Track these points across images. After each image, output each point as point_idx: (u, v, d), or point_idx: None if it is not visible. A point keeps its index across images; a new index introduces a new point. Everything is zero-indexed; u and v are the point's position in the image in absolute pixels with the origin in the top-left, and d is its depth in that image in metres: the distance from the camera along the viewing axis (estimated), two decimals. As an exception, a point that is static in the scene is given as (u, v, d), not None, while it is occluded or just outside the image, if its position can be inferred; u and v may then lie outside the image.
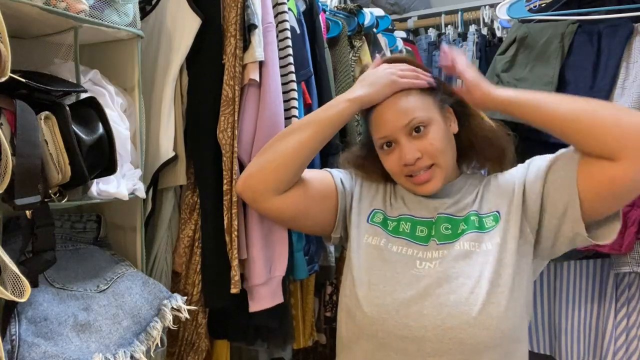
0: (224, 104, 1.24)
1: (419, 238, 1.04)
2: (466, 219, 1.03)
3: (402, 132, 1.04)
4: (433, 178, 1.04)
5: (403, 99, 1.06)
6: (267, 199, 1.10)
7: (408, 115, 1.04)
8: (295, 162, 1.09)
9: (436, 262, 0.99)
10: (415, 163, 1.03)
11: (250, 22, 1.22)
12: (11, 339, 0.87)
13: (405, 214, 1.09)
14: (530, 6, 1.66)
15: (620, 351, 1.58)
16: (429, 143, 1.03)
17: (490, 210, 1.03)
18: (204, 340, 1.30)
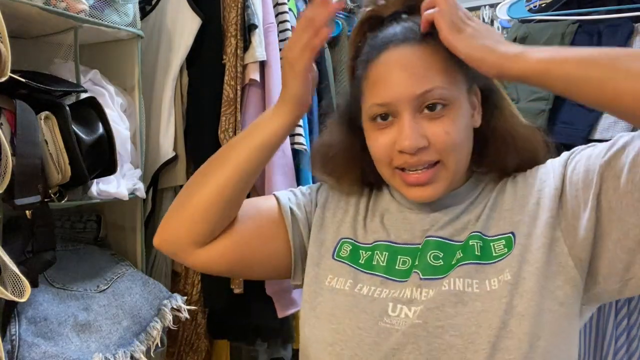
0: (225, 104, 1.24)
1: (398, 273, 0.73)
2: (465, 245, 0.71)
3: (410, 105, 0.69)
4: (434, 182, 0.71)
5: (422, 51, 0.70)
6: (188, 253, 0.81)
7: (426, 81, 0.69)
8: (216, 207, 0.78)
9: (417, 308, 0.67)
10: (416, 153, 0.69)
11: (251, 22, 1.22)
12: (11, 339, 0.87)
13: (382, 240, 0.77)
14: (530, 6, 1.66)
15: (620, 351, 1.58)
16: (444, 131, 0.69)
17: (502, 232, 0.70)
18: (204, 340, 1.30)
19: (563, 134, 1.47)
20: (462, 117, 0.71)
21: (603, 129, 1.42)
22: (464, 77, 0.72)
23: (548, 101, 1.48)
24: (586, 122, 1.45)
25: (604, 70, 0.59)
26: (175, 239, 0.82)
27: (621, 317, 1.59)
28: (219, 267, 0.83)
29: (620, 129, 1.40)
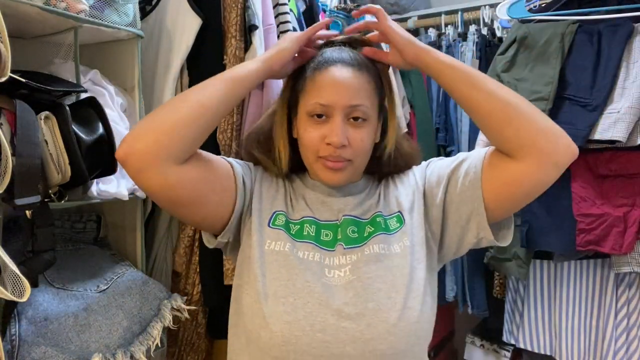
0: (224, 105, 1.24)
1: (325, 243, 0.94)
2: (372, 221, 0.97)
3: (342, 111, 0.92)
4: (344, 170, 0.94)
5: (360, 77, 0.95)
6: (160, 166, 0.83)
7: (358, 98, 0.93)
8: (197, 122, 0.86)
9: (346, 269, 0.90)
10: (339, 148, 0.92)
11: (251, 22, 1.22)
12: (11, 339, 0.87)
13: (308, 215, 0.98)
14: (530, 6, 1.66)
15: (620, 351, 1.58)
16: (360, 139, 0.94)
17: (392, 212, 0.98)
18: (204, 340, 1.30)
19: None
20: (372, 132, 0.97)
21: (603, 129, 1.42)
22: (378, 106, 0.98)
23: (548, 101, 1.48)
24: (586, 123, 1.45)
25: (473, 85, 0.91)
26: (149, 151, 0.83)
27: (621, 318, 1.59)
28: (186, 193, 0.88)
29: (620, 129, 1.40)
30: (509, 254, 1.61)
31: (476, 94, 0.91)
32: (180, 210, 0.92)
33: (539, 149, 0.87)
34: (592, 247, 1.47)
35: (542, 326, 1.73)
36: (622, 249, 1.44)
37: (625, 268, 1.48)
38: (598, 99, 1.46)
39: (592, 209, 1.48)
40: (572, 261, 1.65)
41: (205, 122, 0.88)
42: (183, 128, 0.85)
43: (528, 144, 0.88)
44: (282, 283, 0.88)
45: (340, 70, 0.94)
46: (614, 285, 1.61)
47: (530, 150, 0.88)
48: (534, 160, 0.88)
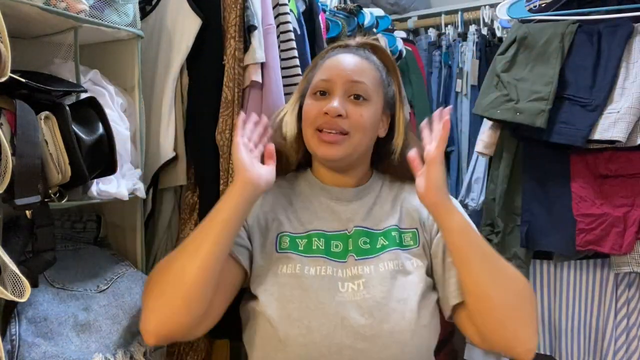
0: (223, 106, 1.24)
1: (335, 254, 0.95)
2: (386, 234, 0.97)
3: (343, 87, 0.96)
4: (340, 144, 0.95)
5: (364, 63, 1.00)
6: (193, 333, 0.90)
7: (360, 76, 0.97)
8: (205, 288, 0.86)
9: (359, 282, 0.92)
10: (335, 118, 0.94)
11: (250, 23, 1.22)
12: (11, 339, 0.87)
13: (315, 229, 0.98)
14: (530, 6, 1.66)
15: (620, 351, 1.58)
16: (359, 113, 0.96)
17: (409, 227, 1.00)
18: (204, 340, 1.30)
19: (563, 134, 1.47)
20: (373, 115, 0.98)
21: (603, 129, 1.42)
22: (382, 96, 1.01)
23: (548, 101, 1.48)
24: (586, 123, 1.45)
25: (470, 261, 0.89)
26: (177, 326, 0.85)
27: (620, 317, 1.59)
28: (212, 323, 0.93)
29: (619, 129, 1.40)
30: (509, 253, 1.62)
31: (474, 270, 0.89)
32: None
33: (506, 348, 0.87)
34: (592, 247, 1.47)
35: (542, 326, 1.73)
36: (621, 249, 1.44)
37: (625, 268, 1.48)
38: (598, 99, 1.46)
39: (591, 209, 1.48)
40: (572, 261, 1.65)
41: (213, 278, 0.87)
42: (195, 301, 0.85)
43: (498, 339, 0.88)
44: (296, 305, 0.89)
45: (345, 55, 1.01)
46: (614, 285, 1.61)
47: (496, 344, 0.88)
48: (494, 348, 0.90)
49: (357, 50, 1.04)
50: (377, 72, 1.01)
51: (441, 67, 2.49)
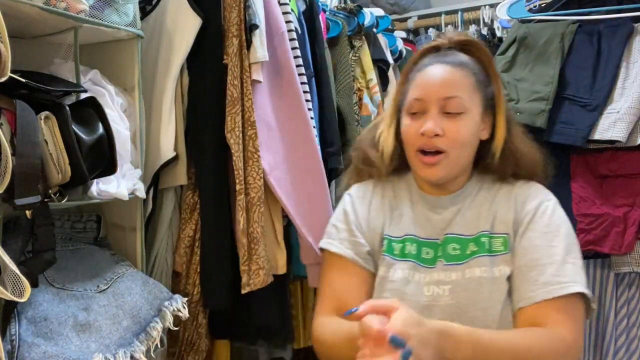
0: (230, 104, 1.23)
1: (425, 260, 1.00)
2: (476, 240, 0.99)
3: (437, 104, 0.96)
4: (439, 165, 0.97)
5: (456, 72, 0.98)
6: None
7: (453, 89, 0.96)
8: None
9: (445, 288, 0.95)
10: (432, 138, 0.95)
11: (252, 22, 1.22)
12: (11, 339, 0.87)
13: (410, 234, 1.03)
14: (530, 6, 1.66)
15: (620, 351, 1.58)
16: (455, 129, 0.95)
17: (500, 232, 0.99)
18: (204, 340, 1.30)
19: (563, 134, 1.47)
20: (471, 126, 0.97)
21: (603, 129, 1.42)
22: (482, 100, 0.99)
23: (548, 101, 1.48)
24: (586, 123, 1.45)
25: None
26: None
27: (621, 317, 1.59)
28: None
29: (619, 129, 1.40)
30: (509, 254, 1.61)
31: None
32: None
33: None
34: (592, 247, 1.47)
35: (542, 326, 1.73)
36: (621, 249, 1.44)
37: (625, 268, 1.48)
38: (598, 99, 1.46)
39: (591, 209, 1.48)
40: (572, 261, 1.65)
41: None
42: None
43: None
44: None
45: (436, 68, 0.99)
46: (614, 285, 1.61)
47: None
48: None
49: (447, 55, 1.01)
50: (471, 77, 0.99)
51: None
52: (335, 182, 1.65)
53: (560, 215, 1.00)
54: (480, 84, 1.00)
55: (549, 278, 0.92)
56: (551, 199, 1.02)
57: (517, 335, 0.91)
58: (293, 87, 1.27)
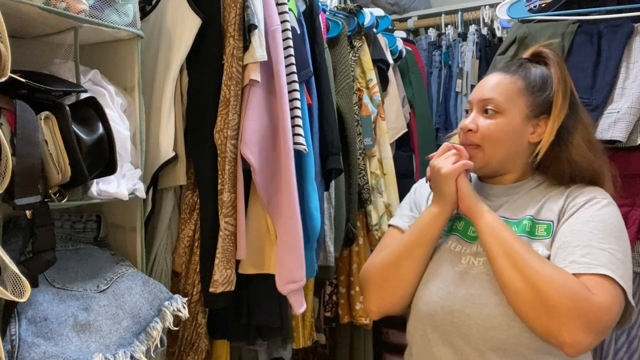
0: (222, 105, 1.24)
1: (469, 237, 1.07)
2: (518, 223, 1.04)
3: (478, 105, 1.08)
4: (474, 157, 1.07)
5: (503, 76, 1.09)
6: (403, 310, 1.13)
7: (491, 92, 1.07)
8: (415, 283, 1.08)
9: (480, 259, 1.02)
10: (466, 133, 1.07)
11: (250, 22, 1.22)
12: (11, 339, 0.87)
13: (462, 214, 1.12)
14: (530, 6, 1.66)
15: (620, 351, 1.58)
16: (486, 126, 1.05)
17: (546, 219, 1.03)
18: (204, 340, 1.30)
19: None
20: (507, 126, 1.05)
21: (603, 129, 1.42)
22: (528, 106, 1.06)
23: (548, 101, 1.48)
24: (586, 122, 1.45)
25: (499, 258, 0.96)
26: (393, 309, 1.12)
27: (621, 317, 1.59)
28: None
29: (619, 129, 1.40)
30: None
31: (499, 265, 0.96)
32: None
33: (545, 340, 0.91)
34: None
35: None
36: (622, 249, 1.44)
37: (625, 268, 1.48)
38: (598, 99, 1.46)
39: (592, 209, 1.48)
40: (572, 261, 1.65)
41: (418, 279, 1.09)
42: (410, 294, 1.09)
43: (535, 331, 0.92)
44: (427, 271, 1.07)
45: (490, 75, 1.13)
46: (614, 285, 1.61)
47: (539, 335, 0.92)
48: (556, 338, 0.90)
49: (509, 66, 1.13)
50: (521, 82, 1.07)
51: (441, 67, 2.49)
52: (334, 183, 1.65)
53: (612, 212, 1.00)
54: (531, 89, 1.06)
55: (578, 258, 0.93)
56: (606, 198, 1.02)
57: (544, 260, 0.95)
58: (279, 86, 1.26)
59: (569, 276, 0.90)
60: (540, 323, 0.90)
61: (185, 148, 1.29)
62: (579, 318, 0.87)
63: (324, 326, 1.85)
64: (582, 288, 0.89)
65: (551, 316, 0.88)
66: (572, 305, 0.87)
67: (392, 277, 1.08)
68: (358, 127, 1.81)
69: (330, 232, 1.64)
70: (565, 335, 0.87)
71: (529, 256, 0.94)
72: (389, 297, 1.10)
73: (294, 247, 1.25)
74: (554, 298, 0.88)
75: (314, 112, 1.48)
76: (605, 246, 0.93)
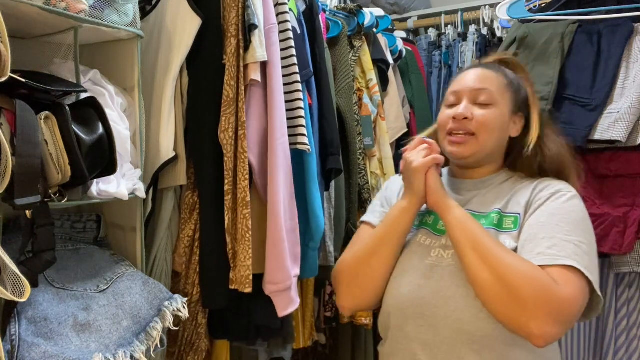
0: (225, 104, 1.24)
1: (439, 230, 1.08)
2: (487, 216, 1.06)
3: (469, 95, 1.08)
4: (466, 144, 1.06)
5: (488, 71, 1.10)
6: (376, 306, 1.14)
7: (483, 83, 1.08)
8: (386, 278, 1.09)
9: (449, 252, 1.03)
10: (461, 121, 1.06)
11: (251, 22, 1.22)
12: (11, 339, 0.87)
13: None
14: (530, 6, 1.66)
15: (620, 351, 1.58)
16: (483, 114, 1.06)
17: (513, 212, 1.05)
18: (204, 340, 1.30)
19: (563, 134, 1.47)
20: (499, 118, 1.07)
21: (603, 129, 1.42)
22: (511, 101, 1.09)
23: (548, 101, 1.48)
24: (586, 123, 1.45)
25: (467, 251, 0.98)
26: (366, 305, 1.16)
27: (621, 317, 1.59)
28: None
29: (619, 129, 1.40)
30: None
31: (466, 258, 0.97)
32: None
33: (514, 331, 0.92)
34: (592, 247, 1.47)
35: (542, 326, 1.73)
36: (621, 249, 1.44)
37: (624, 268, 1.48)
38: (598, 99, 1.46)
39: (592, 209, 1.48)
40: (572, 261, 1.65)
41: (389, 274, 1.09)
42: (381, 290, 1.10)
43: (503, 322, 0.93)
44: (398, 265, 1.08)
45: (472, 69, 1.13)
46: (614, 285, 1.61)
47: (515, 329, 0.92)
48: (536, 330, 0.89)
49: (486, 65, 1.15)
50: (503, 78, 1.10)
51: (441, 67, 2.49)
52: (334, 183, 1.65)
53: (576, 205, 1.02)
54: (512, 86, 1.10)
55: (544, 249, 0.95)
56: (571, 191, 1.04)
57: (511, 253, 0.96)
58: (275, 85, 1.26)
59: (535, 268, 0.92)
60: (509, 315, 0.91)
61: (185, 148, 1.29)
62: (545, 309, 0.88)
63: (324, 326, 1.85)
64: (548, 280, 0.90)
65: (519, 308, 0.89)
66: (539, 296, 0.88)
67: (363, 273, 1.09)
68: (358, 127, 1.81)
69: (330, 232, 1.64)
70: (533, 327, 0.88)
71: (496, 250, 0.95)
72: (361, 293, 1.10)
73: (275, 249, 1.25)
74: (522, 290, 0.89)
75: (314, 112, 1.49)
76: (571, 238, 0.96)
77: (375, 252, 1.08)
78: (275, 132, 1.24)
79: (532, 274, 0.91)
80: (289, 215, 1.27)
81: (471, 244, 0.97)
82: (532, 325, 0.88)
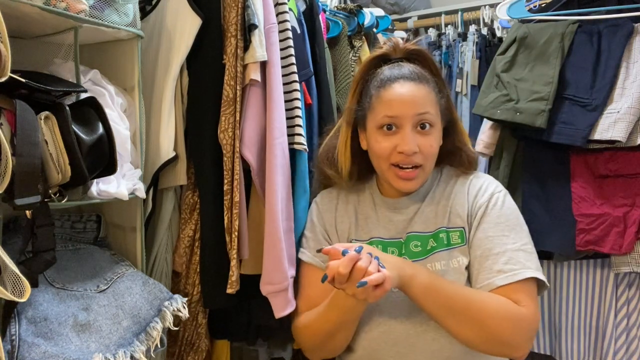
0: (225, 104, 1.24)
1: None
2: (435, 236, 1.08)
3: (410, 121, 1.03)
4: (416, 179, 1.06)
5: (422, 88, 1.05)
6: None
7: (423, 107, 1.04)
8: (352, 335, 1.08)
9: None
10: (410, 155, 1.03)
11: (251, 22, 1.22)
12: (11, 339, 0.87)
13: (375, 236, 1.12)
14: (530, 6, 1.66)
15: (620, 351, 1.58)
16: (429, 144, 1.05)
17: (456, 226, 1.08)
18: (204, 340, 1.30)
19: (563, 134, 1.47)
20: (438, 137, 1.08)
21: (602, 129, 1.42)
22: (440, 111, 1.08)
23: (548, 101, 1.48)
24: (586, 122, 1.45)
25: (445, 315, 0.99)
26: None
27: (621, 317, 1.59)
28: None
29: (619, 129, 1.40)
30: (508, 254, 1.61)
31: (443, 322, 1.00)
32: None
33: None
34: (592, 247, 1.47)
35: (542, 326, 1.73)
36: (621, 249, 1.44)
37: (624, 268, 1.48)
38: (598, 99, 1.46)
39: (591, 209, 1.48)
40: (572, 261, 1.65)
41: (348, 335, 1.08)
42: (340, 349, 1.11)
43: (496, 355, 1.03)
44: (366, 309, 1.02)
45: (403, 86, 1.05)
46: (614, 285, 1.61)
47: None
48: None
49: (403, 67, 1.08)
50: (433, 91, 1.07)
51: (441, 67, 2.49)
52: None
53: (509, 205, 1.09)
54: (437, 96, 1.08)
55: (502, 266, 1.01)
56: (501, 191, 1.11)
57: (476, 291, 1.02)
58: (274, 84, 1.26)
59: (507, 304, 0.98)
60: (494, 352, 1.01)
61: (185, 148, 1.29)
62: (525, 338, 1.00)
63: (324, 326, 1.84)
64: (519, 312, 0.98)
65: (504, 347, 0.99)
66: (518, 332, 0.98)
67: (328, 345, 1.09)
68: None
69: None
70: (516, 353, 1.00)
71: (469, 304, 0.99)
72: (330, 354, 1.12)
73: (273, 249, 1.23)
74: (505, 333, 0.97)
75: (313, 112, 1.48)
76: (518, 245, 1.03)
77: (337, 331, 1.05)
78: (275, 132, 1.24)
79: (508, 315, 0.97)
80: (285, 215, 1.27)
81: (446, 311, 0.98)
82: (515, 353, 1.00)
